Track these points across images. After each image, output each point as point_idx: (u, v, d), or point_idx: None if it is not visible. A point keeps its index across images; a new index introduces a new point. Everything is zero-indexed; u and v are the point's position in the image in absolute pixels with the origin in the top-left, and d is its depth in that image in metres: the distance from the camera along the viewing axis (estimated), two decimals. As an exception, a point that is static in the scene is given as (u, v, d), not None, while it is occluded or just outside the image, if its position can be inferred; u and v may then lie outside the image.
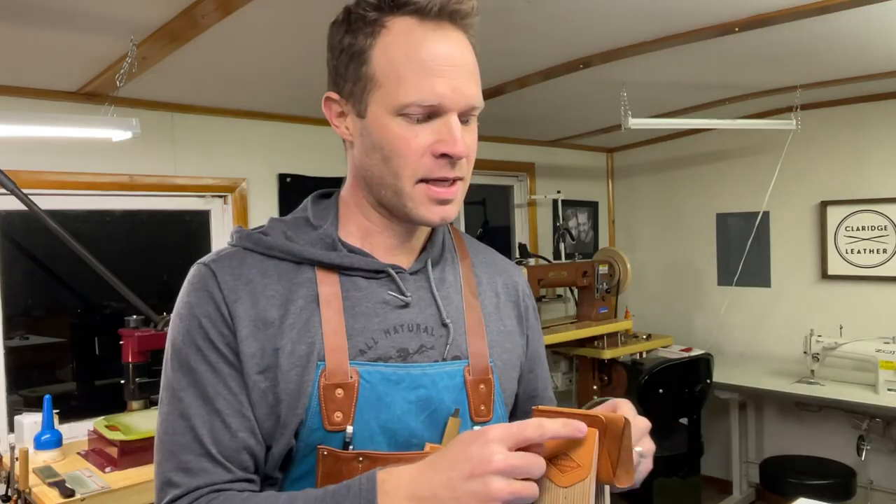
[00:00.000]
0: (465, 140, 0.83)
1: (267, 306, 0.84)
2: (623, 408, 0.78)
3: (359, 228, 0.91)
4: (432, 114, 0.81)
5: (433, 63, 0.80)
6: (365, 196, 0.90)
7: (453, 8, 0.81)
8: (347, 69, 0.84)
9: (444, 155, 0.82)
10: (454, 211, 0.86)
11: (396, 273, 0.90)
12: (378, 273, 0.89)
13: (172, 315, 0.87)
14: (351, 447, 0.82)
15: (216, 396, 0.81)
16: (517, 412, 1.05)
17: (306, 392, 0.81)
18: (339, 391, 0.82)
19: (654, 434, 0.86)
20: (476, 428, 0.87)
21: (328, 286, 0.86)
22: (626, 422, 0.75)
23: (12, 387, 2.40)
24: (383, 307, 0.88)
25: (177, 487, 0.79)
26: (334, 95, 0.87)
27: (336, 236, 0.89)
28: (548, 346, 3.53)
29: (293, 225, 0.91)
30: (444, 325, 0.90)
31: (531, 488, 0.69)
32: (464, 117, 0.84)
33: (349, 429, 0.82)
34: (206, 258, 0.88)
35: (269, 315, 0.83)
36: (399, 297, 0.89)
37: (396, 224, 0.90)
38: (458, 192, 0.86)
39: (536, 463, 0.69)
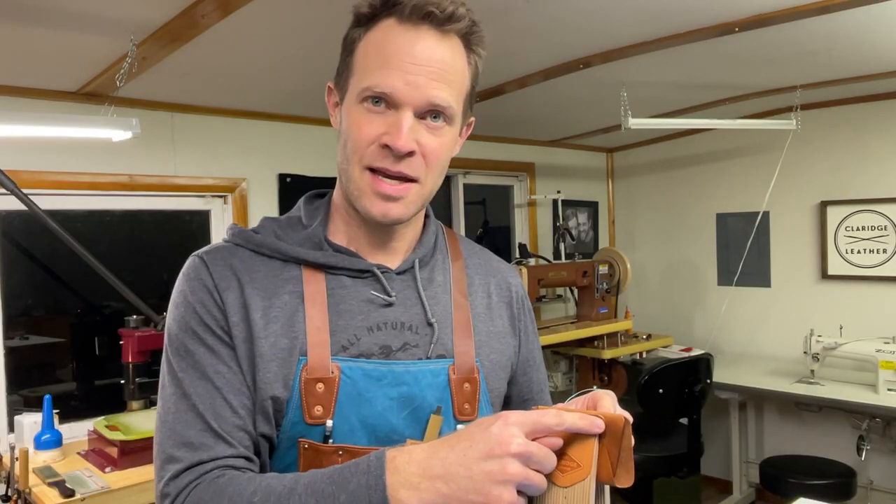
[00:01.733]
0: (422, 140, 0.84)
1: (254, 296, 0.86)
2: (604, 400, 0.77)
3: (344, 225, 0.94)
4: (388, 105, 0.83)
5: (394, 57, 0.82)
6: (342, 188, 0.92)
7: (427, 10, 0.83)
8: (342, 61, 0.89)
9: (387, 146, 0.83)
10: (400, 210, 0.86)
11: (382, 273, 0.91)
12: (363, 272, 0.91)
13: (169, 305, 0.89)
14: (331, 441, 0.83)
15: (215, 375, 0.83)
16: None
17: (287, 384, 0.84)
18: (320, 385, 0.84)
19: (655, 434, 0.86)
20: (460, 427, 0.88)
21: (313, 284, 0.88)
22: (626, 422, 0.75)
23: (12, 387, 2.40)
24: (367, 305, 0.89)
25: (179, 462, 0.79)
26: (331, 85, 0.92)
27: (323, 236, 0.92)
28: (548, 347, 3.56)
29: (285, 224, 0.94)
30: (429, 325, 0.92)
31: (542, 480, 0.69)
32: (425, 116, 0.84)
33: (329, 423, 0.83)
34: (199, 251, 0.91)
35: (255, 306, 0.85)
36: (382, 296, 0.90)
37: (370, 220, 0.90)
38: (410, 192, 0.86)
39: (550, 457, 0.70)
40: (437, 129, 0.85)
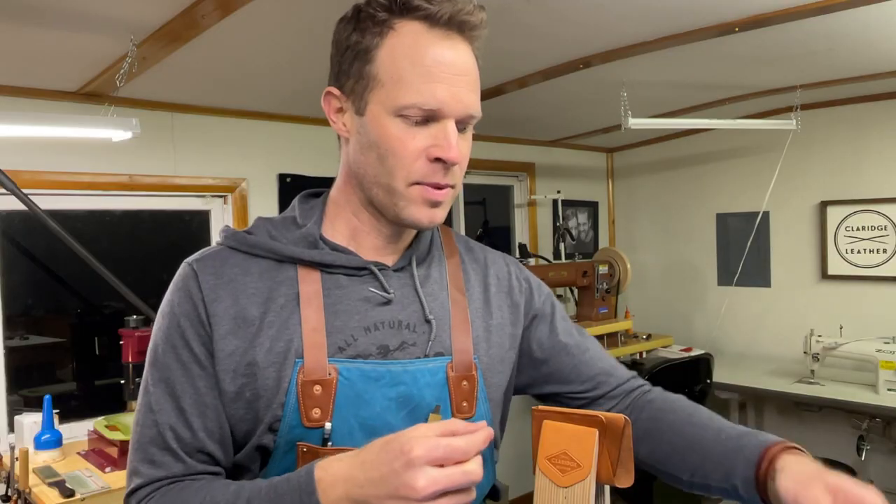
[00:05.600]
0: (459, 147, 0.84)
1: (247, 304, 0.85)
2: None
3: (347, 227, 0.92)
4: (430, 118, 0.82)
5: (436, 69, 0.81)
6: (355, 193, 0.91)
7: (462, 18, 0.82)
8: (351, 66, 0.85)
9: (438, 160, 0.82)
10: (442, 214, 0.88)
11: (379, 270, 0.90)
12: (360, 270, 0.90)
13: (158, 312, 0.90)
14: (330, 443, 0.83)
15: (182, 395, 0.84)
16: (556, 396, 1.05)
17: (283, 388, 0.83)
18: (318, 388, 0.83)
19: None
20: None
21: (309, 284, 0.87)
22: (626, 422, 0.75)
23: (12, 387, 2.40)
24: (364, 304, 0.88)
25: (141, 477, 0.83)
26: (335, 91, 0.88)
27: (318, 234, 0.90)
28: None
29: (279, 224, 0.93)
30: (427, 322, 0.91)
31: (463, 495, 0.69)
32: (461, 125, 0.85)
33: (327, 425, 0.83)
34: (191, 257, 0.90)
35: (248, 313, 0.85)
36: (381, 293, 0.89)
37: (384, 225, 0.91)
38: (449, 197, 0.87)
39: (464, 475, 0.69)
40: (466, 135, 0.87)
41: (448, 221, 1.00)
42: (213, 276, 0.86)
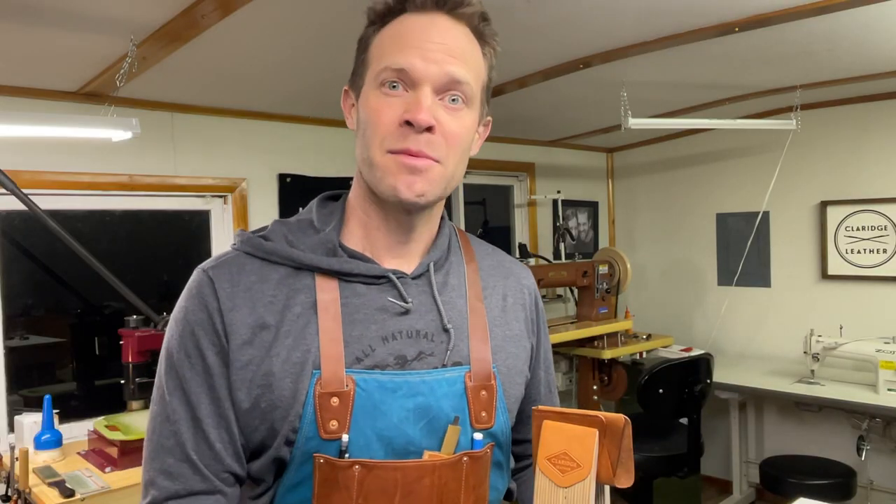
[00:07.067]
0: (441, 119, 0.83)
1: (264, 312, 0.84)
2: None
3: (360, 226, 0.91)
4: (407, 86, 0.83)
5: (410, 39, 0.83)
6: (362, 185, 0.90)
7: None
8: (356, 59, 0.90)
9: (407, 123, 0.81)
10: (424, 186, 0.84)
11: (398, 278, 0.88)
12: (379, 279, 0.88)
13: (171, 317, 0.88)
14: (347, 455, 0.81)
15: (199, 405, 0.83)
16: (518, 416, 1.05)
17: (300, 400, 0.81)
18: (335, 399, 0.82)
19: (655, 434, 0.86)
20: (477, 436, 0.87)
21: (327, 293, 0.86)
22: (626, 422, 0.75)
23: (12, 387, 2.40)
24: (381, 314, 0.87)
25: (158, 489, 0.82)
26: (347, 87, 0.92)
27: (337, 241, 0.89)
28: (548, 346, 3.55)
29: (296, 228, 0.91)
30: (446, 331, 0.89)
31: None
32: (444, 94, 0.84)
33: (345, 437, 0.81)
34: (206, 263, 0.88)
35: (266, 321, 0.83)
36: (399, 303, 0.88)
37: (388, 212, 0.89)
38: (433, 169, 0.84)
39: None
40: (457, 111, 0.85)
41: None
42: (230, 284, 0.85)
